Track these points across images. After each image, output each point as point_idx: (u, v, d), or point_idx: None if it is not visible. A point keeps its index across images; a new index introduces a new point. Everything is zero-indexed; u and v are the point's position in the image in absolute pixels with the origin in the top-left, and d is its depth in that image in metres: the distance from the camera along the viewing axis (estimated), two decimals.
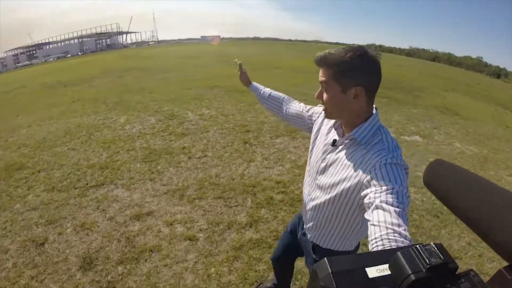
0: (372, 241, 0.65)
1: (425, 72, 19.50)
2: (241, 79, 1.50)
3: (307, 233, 1.18)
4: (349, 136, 0.92)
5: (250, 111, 5.66)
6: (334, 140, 0.99)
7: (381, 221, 0.66)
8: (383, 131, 0.90)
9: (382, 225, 0.66)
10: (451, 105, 7.76)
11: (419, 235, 2.47)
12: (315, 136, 1.14)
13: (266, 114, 5.29)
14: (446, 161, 0.40)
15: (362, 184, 0.83)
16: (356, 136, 0.90)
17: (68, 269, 2.07)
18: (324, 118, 1.13)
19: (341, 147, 0.97)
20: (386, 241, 0.63)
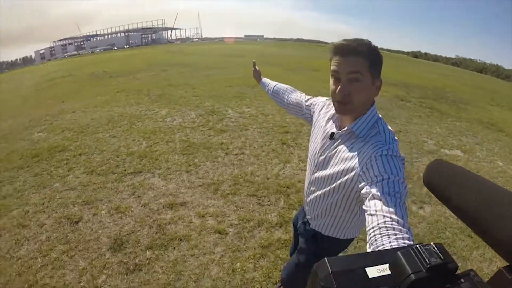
0: (370, 231, 0.65)
1: (471, 84, 18.10)
2: (254, 76, 1.63)
3: (309, 222, 1.20)
4: (348, 130, 0.93)
5: None
6: (332, 133, 1.00)
7: (378, 210, 0.66)
8: (381, 123, 0.90)
9: (379, 214, 0.65)
10: (496, 120, 7.13)
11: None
12: (313, 128, 1.15)
13: None
14: (446, 161, 0.40)
15: (359, 176, 0.83)
16: (355, 130, 0.90)
17: (99, 248, 2.15)
18: (322, 109, 1.12)
19: (339, 141, 0.97)
20: (384, 229, 0.62)
